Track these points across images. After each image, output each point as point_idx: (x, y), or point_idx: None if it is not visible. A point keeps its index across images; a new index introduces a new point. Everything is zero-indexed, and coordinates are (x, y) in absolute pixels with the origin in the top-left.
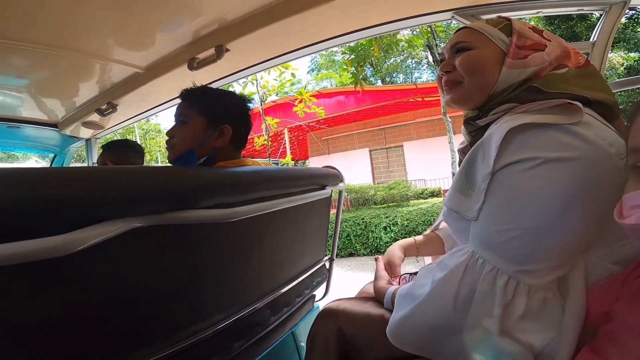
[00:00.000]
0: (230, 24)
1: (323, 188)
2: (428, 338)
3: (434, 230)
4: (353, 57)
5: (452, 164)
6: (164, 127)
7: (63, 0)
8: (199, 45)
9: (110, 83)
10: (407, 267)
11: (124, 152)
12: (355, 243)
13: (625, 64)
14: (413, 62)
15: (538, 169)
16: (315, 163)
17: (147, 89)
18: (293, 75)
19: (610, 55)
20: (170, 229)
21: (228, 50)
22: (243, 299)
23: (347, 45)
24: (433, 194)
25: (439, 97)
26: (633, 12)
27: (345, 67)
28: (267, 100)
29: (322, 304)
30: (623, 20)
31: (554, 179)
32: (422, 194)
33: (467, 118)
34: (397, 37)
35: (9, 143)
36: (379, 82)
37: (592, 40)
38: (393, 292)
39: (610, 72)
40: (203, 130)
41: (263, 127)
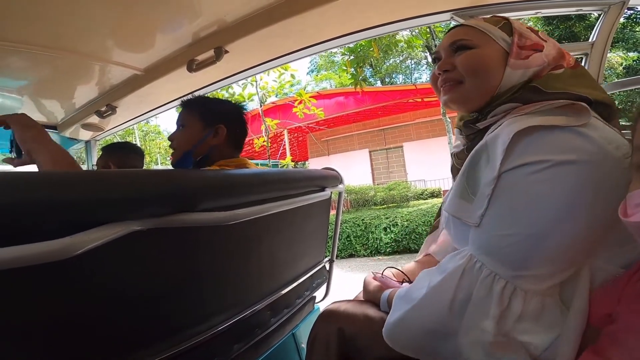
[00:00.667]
0: (230, 26)
1: (323, 190)
2: (424, 341)
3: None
4: (352, 58)
5: None
6: (164, 128)
7: (62, 2)
8: (198, 47)
9: (110, 85)
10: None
11: (124, 154)
12: (356, 244)
13: (624, 64)
14: (412, 62)
15: (545, 173)
16: (315, 164)
17: (146, 91)
18: (292, 77)
19: (609, 55)
20: (170, 232)
21: (227, 52)
22: (243, 301)
23: (346, 46)
24: (433, 195)
25: None
26: (631, 11)
27: (345, 68)
28: (266, 102)
29: (322, 306)
30: (622, 20)
31: (561, 183)
32: (422, 195)
33: (466, 121)
34: (396, 37)
35: (9, 145)
36: (379, 82)
37: (591, 41)
38: (389, 294)
39: (609, 72)
40: (200, 131)
41: (262, 128)
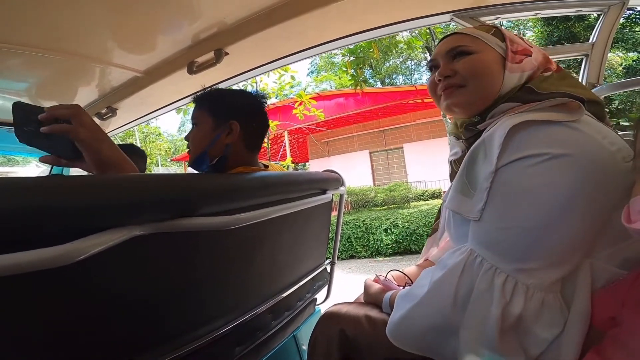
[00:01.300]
0: (230, 28)
1: (324, 192)
2: (427, 337)
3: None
4: (352, 59)
5: None
6: (164, 130)
7: (62, 4)
8: (198, 49)
9: (110, 87)
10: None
11: (128, 155)
12: (356, 245)
13: (624, 64)
14: (412, 63)
15: (541, 166)
16: (316, 165)
17: (146, 93)
18: (293, 78)
19: (609, 56)
20: (171, 237)
21: (227, 54)
22: (244, 304)
23: (346, 48)
24: (433, 196)
25: None
26: (631, 12)
27: (345, 69)
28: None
29: (323, 308)
30: (621, 21)
31: (557, 176)
32: (422, 196)
33: (467, 124)
34: (396, 39)
35: (10, 147)
36: (379, 84)
37: (591, 42)
38: (391, 295)
39: (609, 72)
40: (212, 129)
41: None
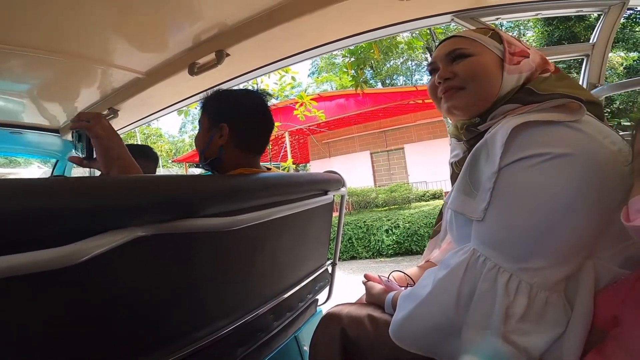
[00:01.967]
0: (231, 29)
1: (325, 193)
2: (431, 337)
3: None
4: (353, 60)
5: None
6: (165, 131)
7: (64, 6)
8: (200, 50)
9: (111, 88)
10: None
11: (141, 157)
12: (357, 246)
13: (625, 64)
14: (413, 64)
15: (543, 165)
16: (317, 166)
17: (148, 94)
18: (293, 79)
19: (610, 55)
20: (173, 238)
21: (228, 55)
22: (246, 305)
23: (347, 49)
24: (435, 196)
25: None
26: (632, 12)
27: (346, 70)
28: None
29: (325, 308)
30: (622, 20)
31: (559, 176)
32: (423, 197)
33: (468, 125)
34: (396, 39)
35: (11, 149)
36: (379, 84)
37: (591, 42)
38: (393, 296)
39: (610, 72)
40: (207, 131)
41: None
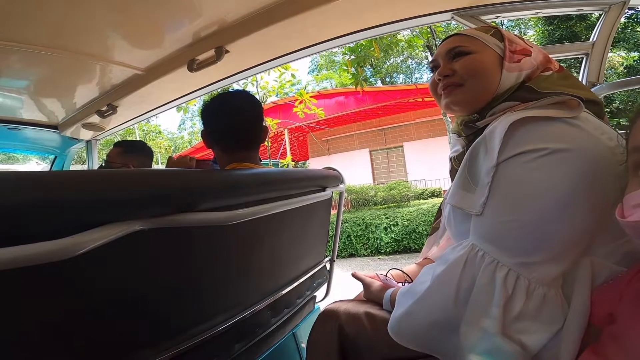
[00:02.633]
0: (230, 26)
1: (324, 190)
2: (430, 333)
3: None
4: (353, 57)
5: None
6: (164, 128)
7: (63, 2)
8: (199, 47)
9: (110, 84)
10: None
11: (136, 152)
12: (356, 244)
13: (625, 64)
14: (413, 62)
15: (541, 161)
16: (316, 164)
17: (147, 91)
18: (293, 76)
19: (610, 55)
20: (171, 232)
21: (228, 52)
22: (244, 301)
23: (347, 46)
24: (433, 194)
25: None
26: (632, 11)
27: (346, 67)
28: (267, 101)
29: (322, 305)
30: (622, 20)
31: (557, 171)
32: (422, 194)
33: (466, 121)
34: (397, 37)
35: (10, 145)
36: (379, 82)
37: (591, 41)
38: (392, 293)
39: (610, 71)
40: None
41: None
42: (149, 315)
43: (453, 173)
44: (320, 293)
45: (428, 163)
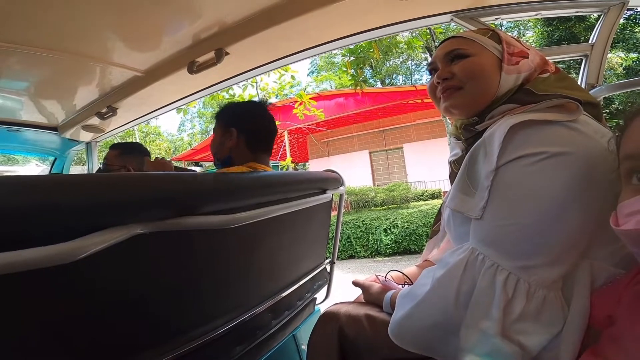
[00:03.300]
0: (230, 27)
1: (324, 192)
2: (430, 336)
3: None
4: (353, 59)
5: None
6: (164, 129)
7: (63, 4)
8: (199, 49)
9: (110, 86)
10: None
11: (133, 154)
12: (356, 245)
13: (624, 65)
14: (413, 64)
15: (540, 164)
16: (315, 165)
17: (147, 93)
18: (293, 78)
19: (609, 56)
20: (172, 235)
21: (228, 54)
22: (244, 303)
23: (346, 48)
24: (433, 196)
25: None
26: (631, 12)
27: (345, 69)
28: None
29: (323, 307)
30: (621, 21)
31: (556, 174)
32: (422, 196)
33: (466, 124)
34: (396, 39)
35: (9, 146)
36: (379, 84)
37: (591, 42)
38: (392, 295)
39: (609, 72)
40: (219, 136)
41: None
42: (150, 318)
43: (452, 177)
44: (321, 295)
45: (428, 164)
